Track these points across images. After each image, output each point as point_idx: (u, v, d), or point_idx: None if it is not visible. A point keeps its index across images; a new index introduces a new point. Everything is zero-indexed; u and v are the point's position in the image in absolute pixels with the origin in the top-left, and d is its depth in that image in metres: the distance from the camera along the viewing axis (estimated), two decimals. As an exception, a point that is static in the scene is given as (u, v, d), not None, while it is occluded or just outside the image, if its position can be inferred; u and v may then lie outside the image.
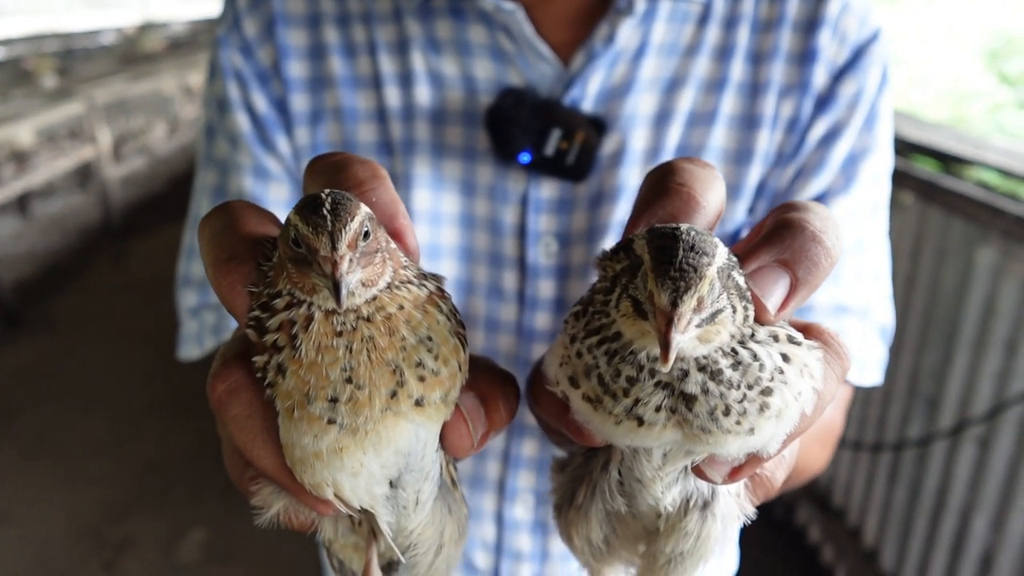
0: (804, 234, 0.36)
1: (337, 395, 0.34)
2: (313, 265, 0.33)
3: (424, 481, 0.40)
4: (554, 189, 0.78)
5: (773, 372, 0.34)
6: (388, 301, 0.35)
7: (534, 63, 0.77)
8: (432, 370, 0.36)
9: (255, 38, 0.81)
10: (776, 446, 0.35)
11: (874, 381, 0.83)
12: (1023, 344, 2.03)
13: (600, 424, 0.35)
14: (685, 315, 0.31)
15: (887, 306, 0.86)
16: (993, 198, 2.12)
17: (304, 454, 0.35)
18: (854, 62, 0.79)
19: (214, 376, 0.37)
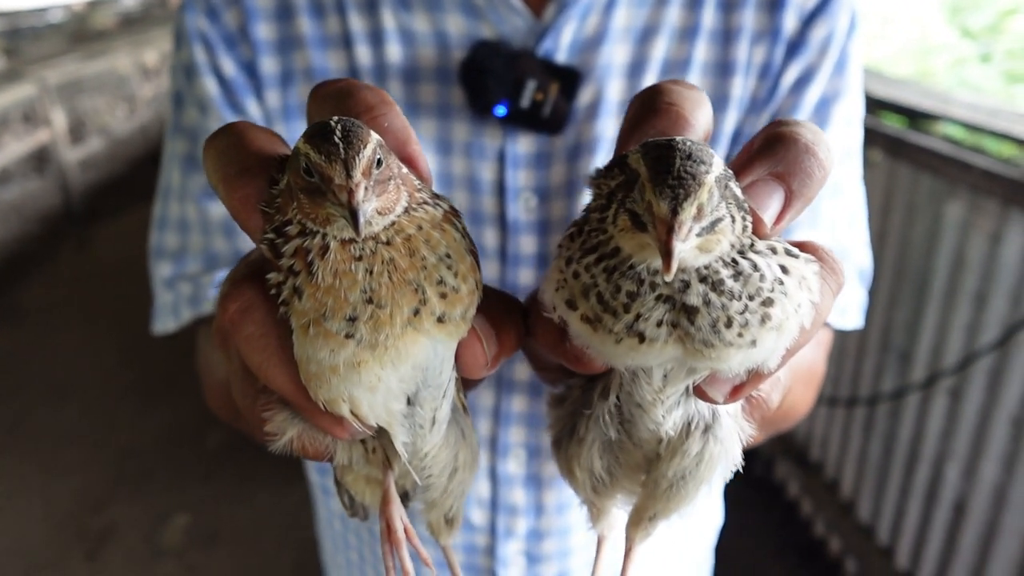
0: (797, 146, 0.36)
1: (357, 314, 0.34)
2: (328, 195, 0.32)
3: (441, 399, 0.39)
4: (531, 143, 0.77)
5: (773, 283, 0.33)
6: (407, 223, 0.35)
7: (506, 16, 0.75)
8: (453, 287, 0.36)
9: (221, 1, 0.78)
10: (776, 360, 0.35)
11: (855, 324, 0.84)
12: (991, 297, 2.07)
13: (600, 345, 0.34)
14: (686, 222, 0.30)
15: (865, 249, 0.86)
16: (960, 153, 2.14)
17: (320, 368, 0.34)
18: (823, 7, 0.79)
19: (224, 297, 0.36)
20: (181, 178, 0.83)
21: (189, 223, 0.82)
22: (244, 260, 0.40)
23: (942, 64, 6.41)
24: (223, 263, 0.81)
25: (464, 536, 0.88)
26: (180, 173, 0.83)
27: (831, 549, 3.00)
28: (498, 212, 0.79)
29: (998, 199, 2.00)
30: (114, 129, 8.10)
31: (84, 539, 3.45)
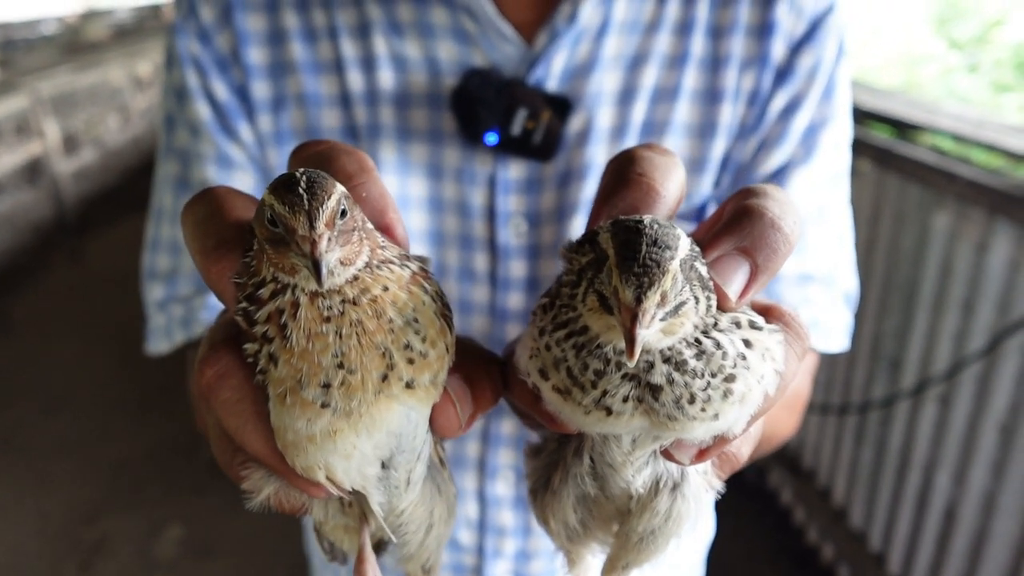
0: (763, 221, 0.37)
1: (330, 380, 0.34)
2: (291, 245, 0.33)
3: (415, 462, 0.40)
4: (522, 169, 0.78)
5: (736, 359, 0.34)
6: (371, 282, 0.35)
7: (497, 43, 0.77)
8: (420, 352, 0.36)
9: (212, 24, 0.79)
10: (740, 427, 0.36)
11: (840, 347, 0.85)
12: (978, 304, 2.10)
13: (571, 414, 0.36)
14: (649, 310, 0.31)
15: (851, 273, 0.88)
16: (947, 163, 2.17)
17: (297, 437, 0.35)
18: (811, 34, 0.80)
19: (202, 361, 0.37)
20: (173, 201, 0.84)
21: (181, 245, 0.83)
22: (222, 321, 0.40)
23: (930, 74, 6.47)
24: None
25: (452, 556, 0.89)
26: (172, 195, 0.84)
27: (824, 556, 3.01)
28: (488, 236, 0.80)
29: (984, 209, 2.03)
30: (107, 140, 8.09)
31: (77, 551, 3.43)
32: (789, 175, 0.79)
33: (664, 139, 0.77)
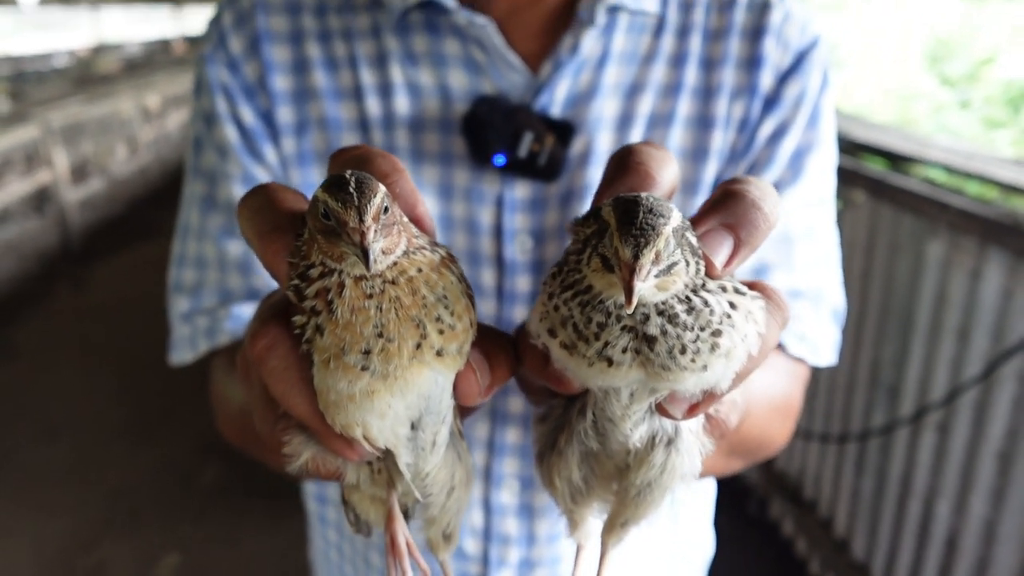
0: (745, 201, 0.42)
1: (370, 347, 0.38)
2: (342, 236, 0.37)
3: (440, 424, 0.44)
4: (527, 189, 0.83)
5: (722, 316, 0.38)
6: (408, 265, 0.40)
7: (505, 72, 0.82)
8: (449, 324, 0.40)
9: (240, 55, 0.84)
10: (727, 383, 0.40)
11: (829, 361, 0.88)
12: (973, 332, 2.13)
13: (576, 367, 0.40)
14: (645, 266, 0.35)
15: (838, 290, 0.91)
16: (939, 193, 2.22)
17: (339, 397, 0.39)
18: (797, 66, 0.85)
19: (253, 335, 0.41)
20: (200, 218, 0.88)
21: (206, 260, 0.87)
22: (267, 301, 0.44)
23: (923, 110, 6.59)
24: (237, 298, 0.85)
25: (457, 565, 0.91)
26: (199, 213, 0.88)
27: (826, 587, 3.00)
28: (495, 253, 0.84)
29: (976, 237, 2.07)
30: (114, 170, 8.20)
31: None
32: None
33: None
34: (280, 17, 0.85)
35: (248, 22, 0.85)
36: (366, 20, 0.84)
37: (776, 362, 0.82)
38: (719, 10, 0.86)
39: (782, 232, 0.83)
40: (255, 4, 0.85)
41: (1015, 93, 6.11)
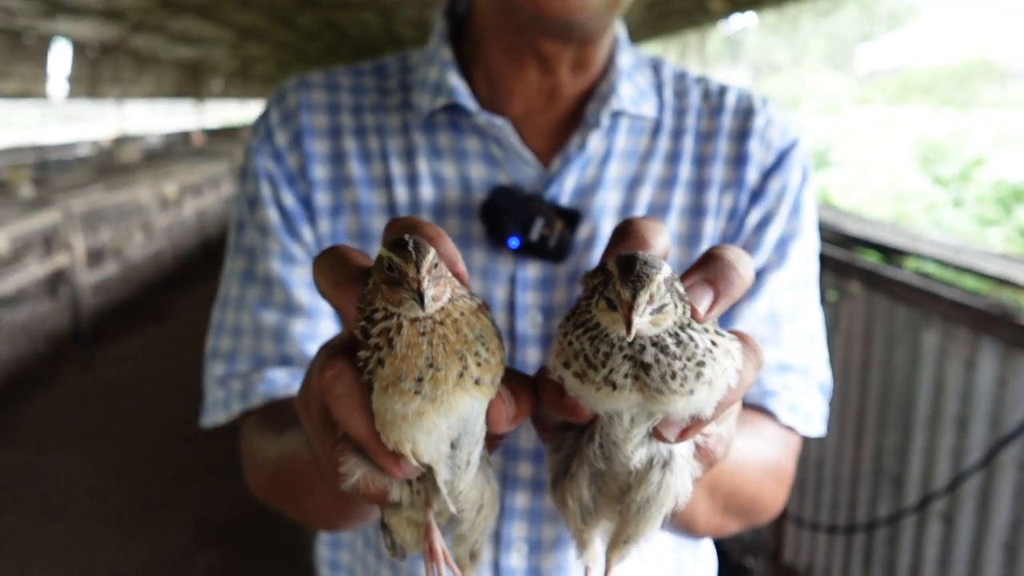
0: (723, 262, 0.51)
1: (422, 375, 0.46)
2: (403, 284, 0.46)
3: (474, 445, 0.51)
4: (538, 270, 0.91)
5: (705, 351, 0.46)
6: (452, 309, 0.48)
7: (520, 166, 0.92)
8: (485, 359, 0.48)
9: (285, 147, 0.95)
10: (711, 409, 0.47)
11: (818, 432, 0.94)
12: (972, 420, 2.17)
13: (586, 393, 0.47)
14: (641, 305, 0.44)
15: (824, 366, 0.97)
16: (931, 285, 2.31)
17: (394, 417, 0.46)
18: (779, 164, 0.95)
19: (322, 367, 0.48)
20: (239, 290, 0.96)
21: (243, 329, 0.94)
22: (327, 345, 0.52)
23: (917, 208, 6.81)
24: (270, 363, 0.92)
25: None
26: (238, 286, 0.96)
27: None
28: (509, 327, 0.91)
29: (968, 328, 2.14)
30: (130, 255, 8.40)
31: (61, 671, 3.29)
32: (765, 278, 0.92)
33: None
34: (321, 115, 0.96)
35: (293, 119, 0.96)
36: (397, 119, 0.95)
37: (768, 430, 0.87)
38: (709, 115, 0.97)
39: (770, 311, 0.91)
40: (300, 104, 0.96)
41: (1005, 193, 6.34)
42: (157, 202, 9.24)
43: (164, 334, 7.57)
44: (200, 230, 11.56)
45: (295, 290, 0.92)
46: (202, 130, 24.50)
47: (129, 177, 9.96)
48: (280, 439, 0.81)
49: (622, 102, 0.91)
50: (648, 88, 0.97)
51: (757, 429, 0.86)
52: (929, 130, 7.99)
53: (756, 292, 0.90)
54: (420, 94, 0.94)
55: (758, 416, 0.88)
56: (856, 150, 8.98)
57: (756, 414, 0.88)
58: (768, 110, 0.97)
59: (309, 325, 0.91)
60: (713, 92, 0.99)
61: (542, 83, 0.92)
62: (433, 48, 0.96)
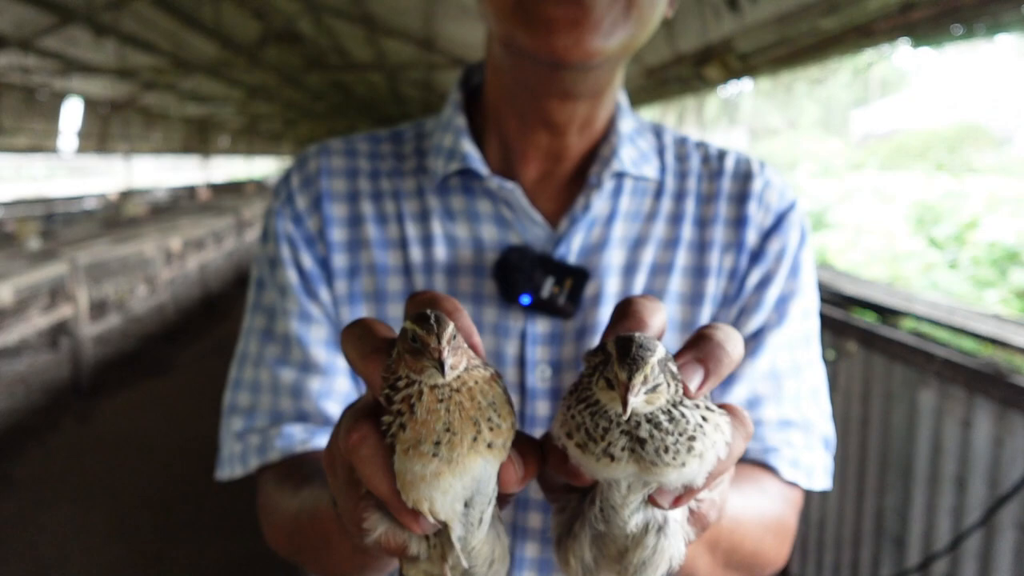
0: (713, 342, 0.55)
1: (440, 439, 0.50)
2: (425, 354, 0.50)
3: (487, 504, 0.54)
4: (547, 326, 0.95)
5: (695, 426, 0.51)
6: (468, 378, 0.53)
7: (529, 227, 0.97)
8: (497, 424, 0.52)
9: (305, 211, 1.00)
10: (702, 480, 0.51)
11: (823, 486, 0.96)
12: (970, 479, 2.18)
13: (586, 462, 0.52)
14: (636, 386, 0.48)
15: (827, 420, 0.99)
16: (926, 344, 2.35)
17: (413, 478, 0.50)
18: (777, 225, 1.00)
19: (348, 429, 0.52)
20: (258, 348, 1.00)
21: (261, 385, 0.98)
22: (352, 408, 0.56)
23: (913, 269, 6.90)
24: (287, 419, 0.95)
25: None
26: (257, 343, 1.00)
27: None
28: (519, 381, 0.95)
29: (964, 387, 2.18)
30: (133, 307, 8.45)
31: None
32: (765, 337, 0.95)
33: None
34: (340, 180, 1.02)
35: (313, 184, 1.01)
36: (412, 183, 1.01)
37: (769, 486, 0.90)
38: (709, 179, 1.02)
39: (771, 369, 0.94)
40: (320, 169, 1.02)
41: (999, 255, 6.44)
42: (162, 255, 9.34)
43: (164, 388, 7.56)
44: (202, 284, 11.65)
45: (312, 348, 0.96)
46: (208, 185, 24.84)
47: (135, 231, 10.09)
48: (299, 494, 0.84)
49: (623, 164, 0.97)
50: (650, 151, 1.03)
51: (759, 485, 0.89)
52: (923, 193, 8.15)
53: (757, 350, 0.94)
54: (435, 159, 1.00)
55: (760, 472, 0.91)
56: (853, 212, 9.13)
57: (758, 470, 0.91)
58: (766, 173, 1.02)
59: (325, 382, 0.95)
60: (713, 156, 1.04)
61: (551, 145, 0.97)
62: (448, 117, 1.02)
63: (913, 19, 3.13)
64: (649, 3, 0.83)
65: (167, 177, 29.90)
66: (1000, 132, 16.05)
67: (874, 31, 3.27)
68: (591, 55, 0.82)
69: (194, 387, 7.43)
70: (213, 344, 9.11)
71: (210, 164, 31.28)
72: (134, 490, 5.18)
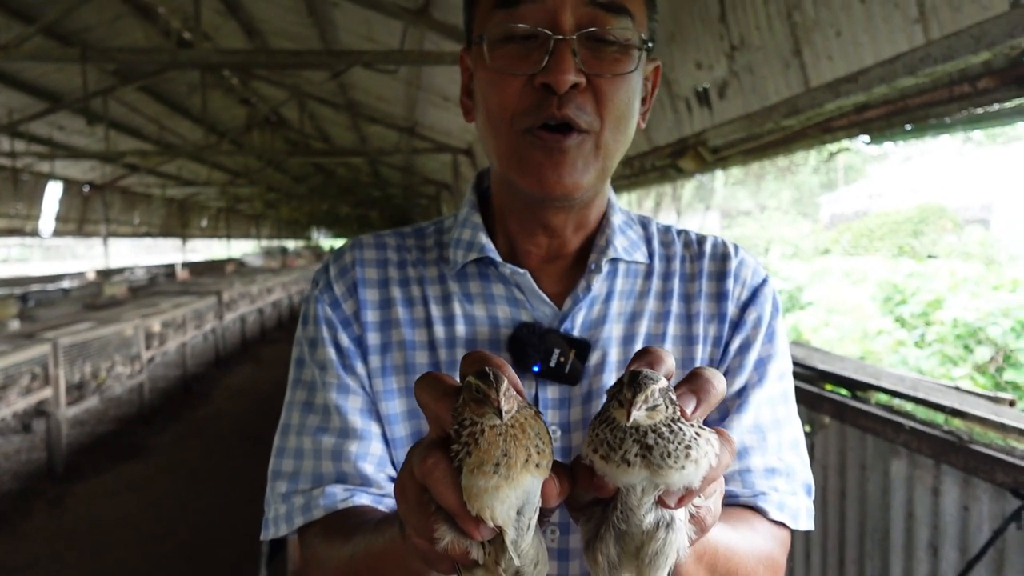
0: (703, 378, 0.69)
1: (499, 462, 0.63)
2: (487, 403, 0.64)
3: (533, 513, 0.66)
4: (556, 391, 1.08)
5: (691, 438, 0.64)
6: (519, 416, 0.66)
7: (538, 306, 1.11)
8: (541, 449, 0.65)
9: (341, 296, 1.14)
10: (698, 482, 0.63)
11: (806, 527, 1.08)
12: (942, 546, 2.28)
13: (609, 470, 0.64)
14: (638, 402, 0.62)
15: (807, 468, 1.12)
16: (894, 416, 2.50)
17: (478, 491, 0.62)
18: (752, 298, 1.15)
19: (423, 457, 0.64)
20: (300, 418, 1.11)
21: (304, 452, 1.08)
22: (421, 443, 0.68)
23: (882, 346, 7.14)
24: (328, 480, 1.05)
25: None
26: (299, 415, 1.11)
27: None
28: None
29: (930, 456, 2.31)
30: (112, 388, 8.36)
31: None
32: (748, 395, 1.09)
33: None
34: (372, 269, 1.16)
35: (348, 273, 1.15)
36: (435, 270, 1.16)
37: (759, 525, 1.02)
38: (691, 260, 1.18)
39: (755, 423, 1.07)
40: (355, 260, 1.17)
41: (963, 332, 6.71)
42: (142, 336, 9.32)
43: (137, 472, 7.42)
44: (182, 364, 11.55)
45: (351, 416, 1.07)
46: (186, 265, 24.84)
47: (115, 312, 10.08)
48: (351, 540, 0.94)
49: (617, 251, 1.12)
50: (638, 240, 1.19)
51: (749, 524, 1.00)
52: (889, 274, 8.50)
53: (742, 407, 1.07)
54: (455, 251, 1.15)
55: (751, 514, 1.03)
56: (824, 292, 9.45)
57: (749, 512, 1.03)
58: (740, 254, 1.19)
59: (363, 446, 1.06)
60: (693, 241, 1.21)
61: (550, 245, 1.13)
62: (465, 215, 1.18)
63: (868, 117, 3.44)
64: (615, 140, 1.01)
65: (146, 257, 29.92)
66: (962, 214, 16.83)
67: (834, 128, 3.57)
68: (570, 189, 1.00)
69: (169, 472, 7.31)
70: (190, 427, 8.99)
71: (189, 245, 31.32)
72: (106, 578, 5.04)
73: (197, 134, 17.42)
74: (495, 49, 0.98)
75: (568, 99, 0.95)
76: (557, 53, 0.94)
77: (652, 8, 1.04)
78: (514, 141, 0.99)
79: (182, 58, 7.91)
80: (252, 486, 6.54)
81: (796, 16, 3.25)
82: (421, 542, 0.68)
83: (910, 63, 2.52)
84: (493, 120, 1.01)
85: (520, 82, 0.97)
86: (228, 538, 5.70)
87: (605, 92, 0.97)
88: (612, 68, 0.97)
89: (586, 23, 0.95)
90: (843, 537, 2.81)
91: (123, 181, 21.25)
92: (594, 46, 0.96)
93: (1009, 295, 6.25)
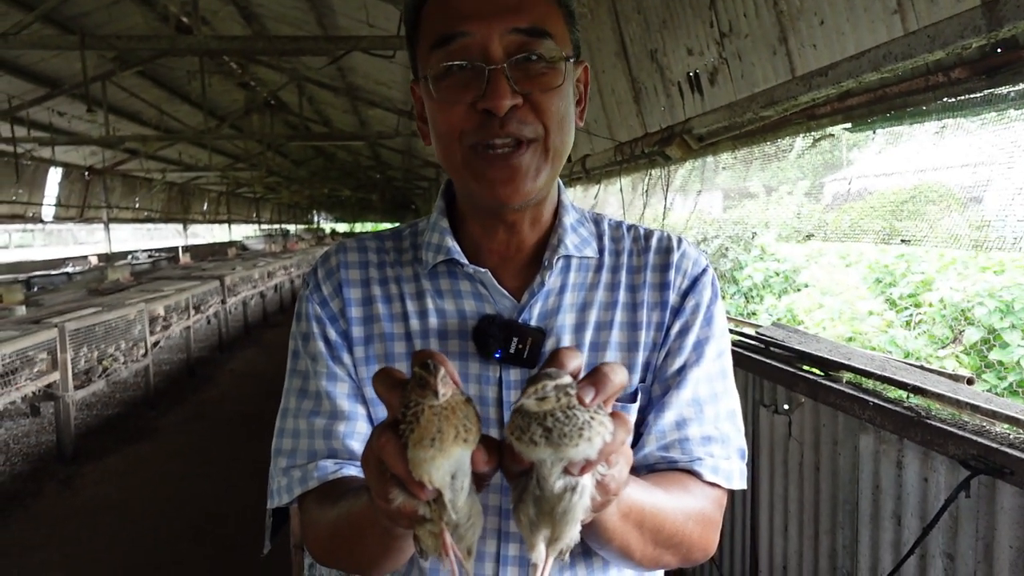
0: (601, 372, 0.80)
1: (435, 437, 0.75)
2: (427, 387, 0.76)
3: (465, 478, 0.80)
4: (517, 373, 1.20)
5: (584, 422, 0.76)
6: (452, 401, 0.78)
7: (499, 300, 1.23)
8: (468, 428, 0.78)
9: (329, 295, 1.27)
10: (595, 456, 0.76)
11: (740, 486, 1.20)
12: (904, 515, 2.42)
13: (521, 448, 0.77)
14: (528, 393, 0.76)
15: (741, 436, 1.24)
16: (862, 394, 2.63)
17: (419, 460, 0.75)
18: (692, 287, 1.26)
19: (378, 436, 0.77)
20: (296, 403, 1.25)
21: (300, 432, 1.23)
22: (379, 426, 0.80)
23: (872, 328, 7.25)
24: (320, 456, 1.19)
25: None
26: (295, 400, 1.25)
27: None
28: (498, 417, 1.19)
29: (894, 431, 2.44)
30: (118, 372, 8.53)
31: None
32: (687, 373, 1.21)
33: (605, 353, 1.22)
34: (355, 270, 1.29)
35: (334, 275, 1.29)
36: (410, 270, 1.29)
37: (693, 486, 1.15)
38: (638, 254, 1.30)
39: (693, 397, 1.20)
40: (339, 263, 1.30)
41: (951, 313, 6.82)
42: (147, 321, 9.47)
43: (144, 453, 7.60)
44: (186, 348, 11.72)
45: (339, 400, 1.21)
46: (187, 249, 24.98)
47: (120, 296, 10.22)
48: (337, 504, 1.08)
49: (568, 249, 1.24)
50: (589, 237, 1.30)
51: (683, 485, 1.14)
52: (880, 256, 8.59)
53: (681, 384, 1.20)
54: (427, 252, 1.27)
55: (687, 477, 1.16)
56: (819, 274, 9.52)
57: (686, 476, 1.16)
58: (683, 247, 1.30)
59: (349, 425, 1.20)
60: (641, 236, 1.32)
61: (509, 242, 1.25)
62: (435, 219, 1.30)
63: (850, 104, 3.53)
64: (560, 142, 1.12)
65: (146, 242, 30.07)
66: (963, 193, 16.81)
67: (818, 115, 3.66)
68: (526, 196, 1.12)
69: (176, 453, 7.49)
70: (195, 410, 9.17)
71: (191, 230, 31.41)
72: (119, 557, 5.22)
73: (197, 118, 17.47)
74: (439, 83, 1.09)
75: (509, 118, 1.07)
76: (493, 81, 1.05)
77: (571, 23, 1.15)
78: (466, 156, 1.11)
79: (181, 45, 7.98)
80: (255, 465, 6.73)
81: (782, 3, 3.33)
82: (381, 503, 0.82)
83: (889, 53, 2.60)
84: (444, 140, 1.13)
85: (464, 107, 1.08)
86: (234, 514, 5.88)
87: (542, 104, 1.08)
88: (543, 84, 1.08)
89: (514, 50, 1.06)
90: (817, 510, 2.95)
91: (124, 166, 21.33)
92: (524, 66, 1.07)
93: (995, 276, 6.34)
